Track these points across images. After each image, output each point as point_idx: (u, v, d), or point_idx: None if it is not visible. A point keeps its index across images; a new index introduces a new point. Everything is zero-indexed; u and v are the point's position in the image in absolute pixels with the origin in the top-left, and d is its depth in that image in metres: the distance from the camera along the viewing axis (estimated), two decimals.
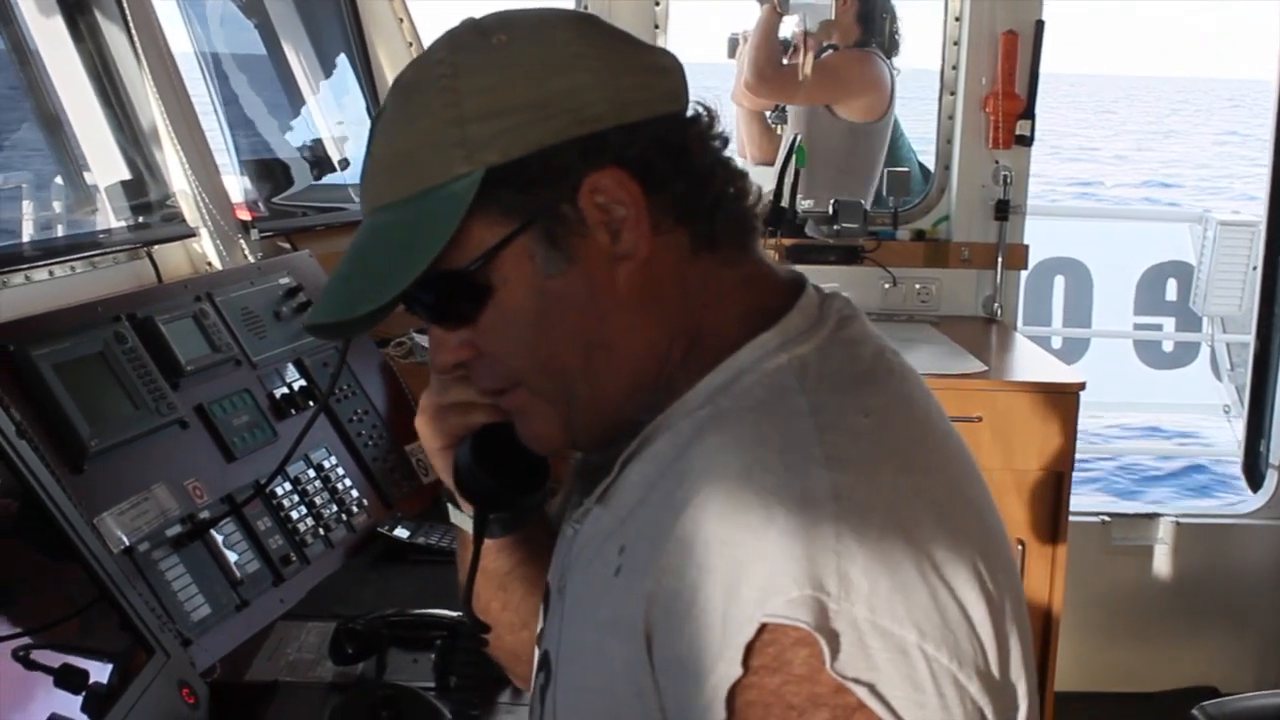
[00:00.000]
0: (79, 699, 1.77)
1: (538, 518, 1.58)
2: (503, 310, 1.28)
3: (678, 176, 1.28)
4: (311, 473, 2.82)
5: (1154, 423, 9.54)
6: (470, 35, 1.29)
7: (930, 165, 5.31)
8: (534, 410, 1.34)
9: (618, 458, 1.32)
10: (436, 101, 1.26)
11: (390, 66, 4.63)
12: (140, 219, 3.26)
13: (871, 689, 1.08)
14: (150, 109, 3.27)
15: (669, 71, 1.31)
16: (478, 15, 1.32)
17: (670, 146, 1.28)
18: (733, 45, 5.41)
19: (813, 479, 1.14)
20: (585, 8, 4.53)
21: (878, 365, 1.29)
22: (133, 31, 3.21)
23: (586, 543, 1.34)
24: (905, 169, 5.29)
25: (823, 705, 1.08)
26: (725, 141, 1.33)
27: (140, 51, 3.22)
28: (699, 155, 1.30)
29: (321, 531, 2.74)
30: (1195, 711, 3.11)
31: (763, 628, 1.09)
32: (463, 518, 1.57)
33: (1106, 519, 5.10)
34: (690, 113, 1.32)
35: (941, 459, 1.25)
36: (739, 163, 1.38)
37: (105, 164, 3.25)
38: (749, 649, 1.10)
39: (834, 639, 1.08)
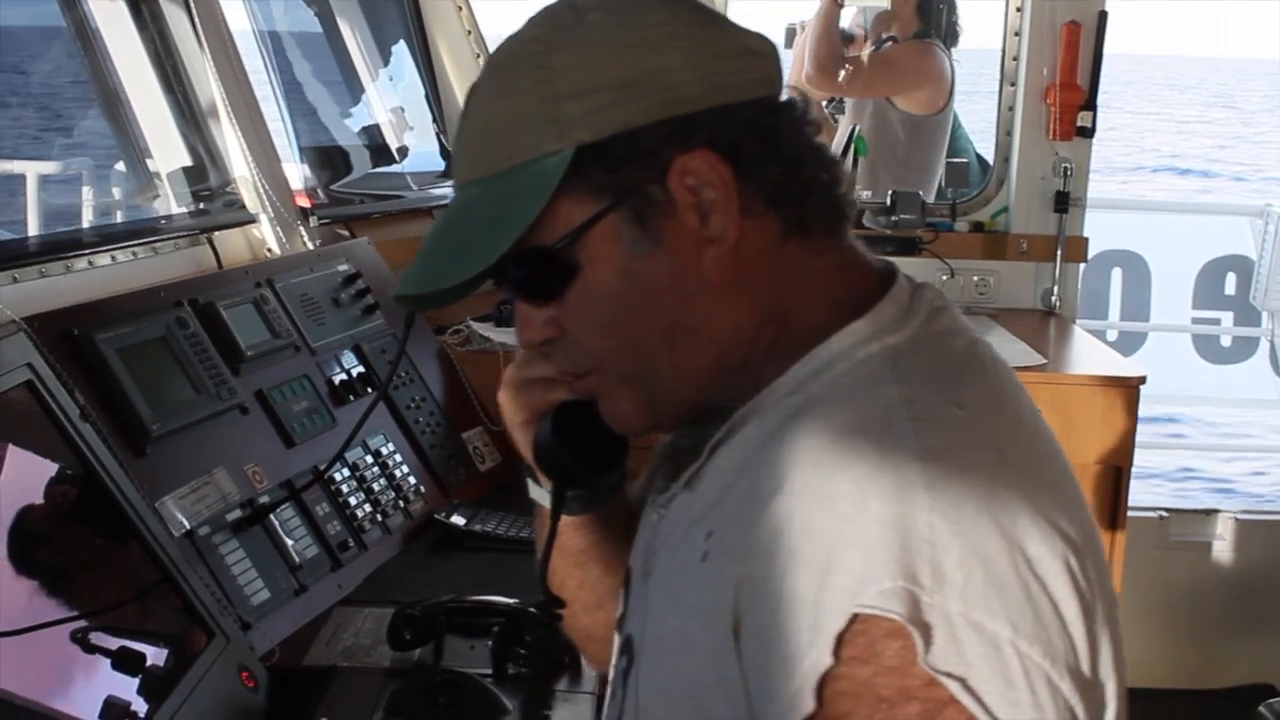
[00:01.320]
0: (135, 681, 1.78)
1: (617, 498, 1.58)
2: (589, 289, 1.28)
3: (769, 161, 1.27)
4: (369, 459, 2.83)
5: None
6: (565, 12, 1.29)
7: (986, 155, 5.28)
8: (615, 392, 1.35)
9: (704, 442, 1.31)
10: (529, 78, 1.26)
11: (449, 55, 4.64)
12: (201, 205, 3.28)
13: (964, 683, 1.07)
14: (212, 96, 3.29)
15: (762, 55, 1.31)
16: None
17: (763, 130, 1.27)
18: (790, 35, 5.39)
19: (906, 470, 1.12)
20: None
21: (970, 358, 1.28)
22: (195, 16, 3.23)
23: (673, 528, 1.33)
24: (964, 159, 5.25)
25: (913, 698, 1.08)
26: (818, 128, 1.32)
27: (202, 38, 3.24)
28: (791, 140, 1.29)
29: (379, 518, 2.75)
30: (1262, 709, 3.08)
31: (854, 618, 1.08)
32: (541, 493, 1.57)
33: (1165, 514, 5.06)
34: (783, 97, 1.31)
35: (1034, 454, 1.24)
36: None
37: (167, 150, 3.27)
38: (840, 638, 1.09)
39: (927, 631, 1.07)
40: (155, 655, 1.86)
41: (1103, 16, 4.82)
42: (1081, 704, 1.13)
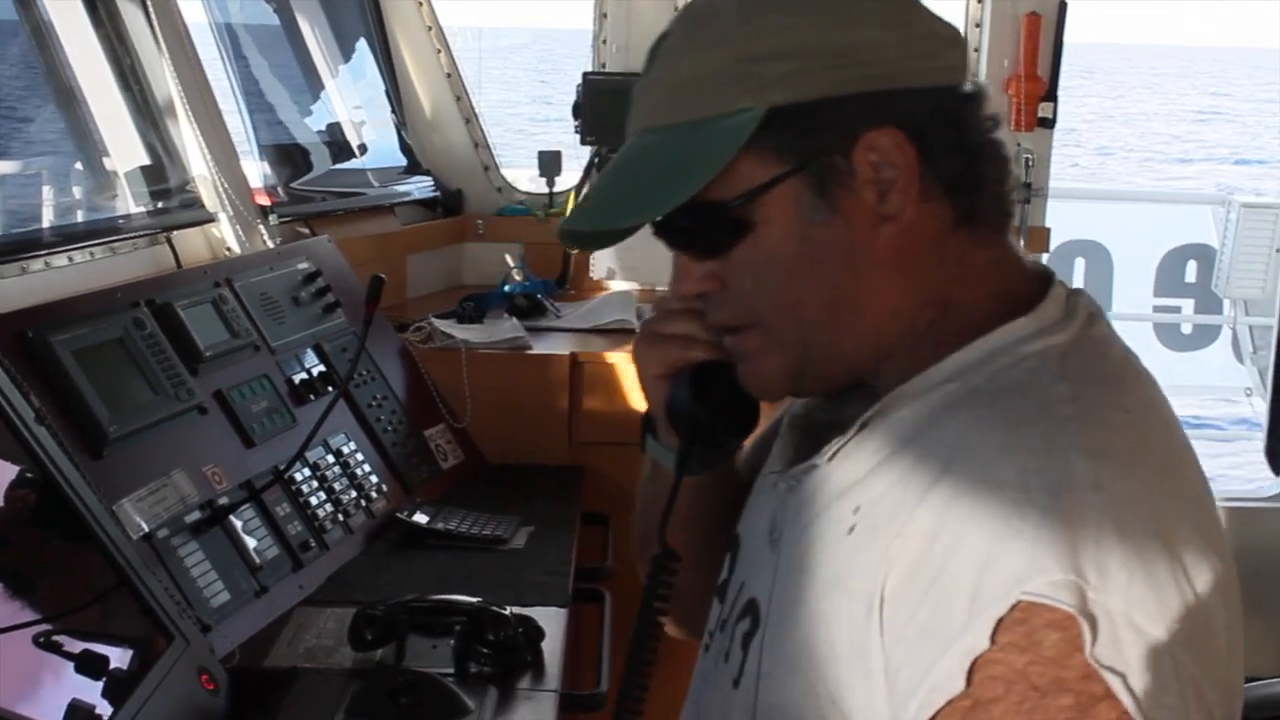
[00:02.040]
0: (99, 685, 1.76)
1: (727, 464, 1.59)
2: (759, 249, 1.29)
3: (952, 149, 1.28)
4: (331, 458, 2.82)
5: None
6: None
7: None
8: (765, 354, 1.35)
9: (847, 417, 1.32)
10: (731, 32, 1.27)
11: (409, 51, 4.62)
12: (159, 204, 3.26)
13: (1124, 680, 1.08)
14: (169, 93, 3.27)
15: (954, 44, 1.32)
16: None
17: (950, 117, 1.29)
18: None
19: (1075, 467, 1.14)
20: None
21: (1127, 366, 1.29)
22: (151, 15, 3.21)
23: (809, 499, 1.33)
24: None
25: (1067, 690, 1.08)
26: (997, 123, 1.34)
27: (159, 35, 3.22)
28: (974, 131, 1.31)
29: (340, 517, 2.74)
30: None
31: (1017, 604, 1.09)
32: (659, 449, 1.56)
33: None
34: (969, 89, 1.32)
35: (1187, 464, 1.25)
36: None
37: (124, 149, 3.25)
38: (999, 623, 1.09)
39: (1094, 625, 1.08)
40: (120, 658, 1.84)
41: (1063, 7, 4.82)
42: (1223, 714, 1.15)
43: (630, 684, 1.44)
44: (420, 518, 2.81)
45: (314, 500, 2.69)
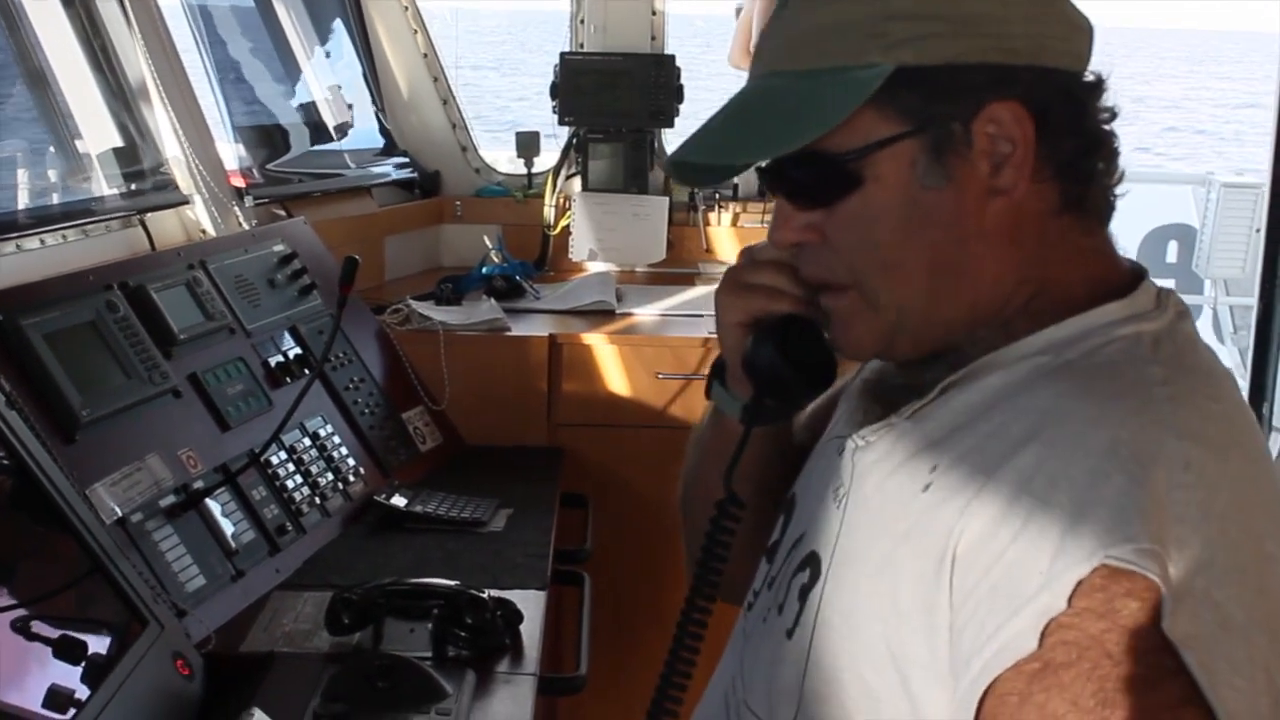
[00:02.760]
0: (78, 670, 1.75)
1: (786, 424, 1.60)
2: (867, 205, 1.29)
3: (1071, 133, 1.29)
4: (307, 441, 2.80)
5: None
6: None
7: None
8: (859, 314, 1.35)
9: (926, 381, 1.33)
10: None
11: (386, 32, 4.59)
12: (133, 186, 3.23)
13: (1196, 656, 1.08)
14: (142, 75, 3.23)
15: (1083, 31, 1.32)
16: None
17: (1073, 102, 1.29)
18: (739, 15, 5.36)
19: (1166, 444, 1.15)
20: None
21: (1215, 363, 1.30)
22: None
23: (885, 455, 1.33)
24: None
25: (1140, 661, 1.08)
26: (1114, 115, 1.33)
27: (132, 17, 3.18)
28: (1093, 120, 1.31)
29: (317, 500, 2.72)
30: None
31: (1098, 569, 1.09)
32: (725, 397, 1.56)
33: None
34: (1091, 78, 1.32)
35: (1268, 465, 1.25)
36: None
37: (97, 131, 3.21)
38: (1078, 586, 1.09)
39: (1173, 598, 1.08)
40: (98, 643, 1.83)
41: None
42: None
43: (684, 629, 1.43)
44: (398, 500, 2.80)
45: (290, 484, 2.67)
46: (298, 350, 2.96)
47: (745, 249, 1.51)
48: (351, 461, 2.90)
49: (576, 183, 4.50)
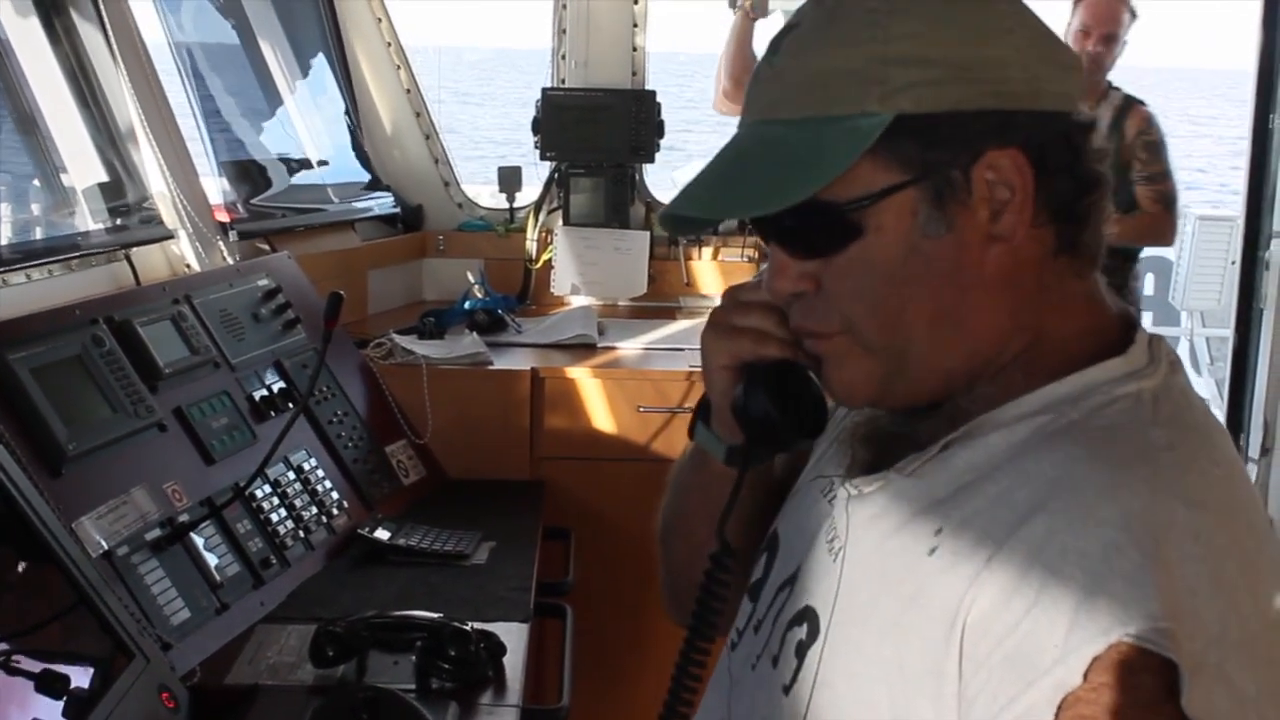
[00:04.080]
0: (60, 704, 1.76)
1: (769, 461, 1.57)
2: (866, 256, 1.27)
3: (1066, 175, 1.27)
4: (291, 475, 2.81)
5: None
6: None
7: None
8: (853, 360, 1.33)
9: (920, 431, 1.32)
10: (864, 33, 1.24)
11: (369, 67, 4.62)
12: (118, 221, 3.24)
13: None
14: (127, 110, 3.25)
15: (1075, 70, 1.31)
16: None
17: (1069, 145, 1.28)
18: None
19: (1176, 515, 1.14)
20: (564, 6, 4.52)
21: (1210, 419, 1.29)
22: (109, 32, 3.20)
23: (884, 511, 1.32)
24: None
25: None
26: (1105, 154, 1.32)
27: (117, 53, 3.20)
28: (1088, 161, 1.30)
29: (301, 534, 2.73)
30: None
31: (1114, 645, 1.09)
32: (709, 439, 1.54)
33: None
34: (1083, 118, 1.31)
35: (1268, 524, 1.25)
36: None
37: (82, 166, 3.23)
38: (1094, 661, 1.09)
39: (1188, 674, 1.08)
40: (80, 676, 1.83)
41: None
42: None
43: (679, 684, 1.41)
44: (382, 534, 2.81)
45: (275, 517, 2.69)
46: (282, 384, 2.97)
47: (730, 290, 1.49)
48: (335, 495, 2.91)
49: (558, 217, 4.53)
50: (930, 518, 1.26)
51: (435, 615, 2.25)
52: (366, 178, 4.66)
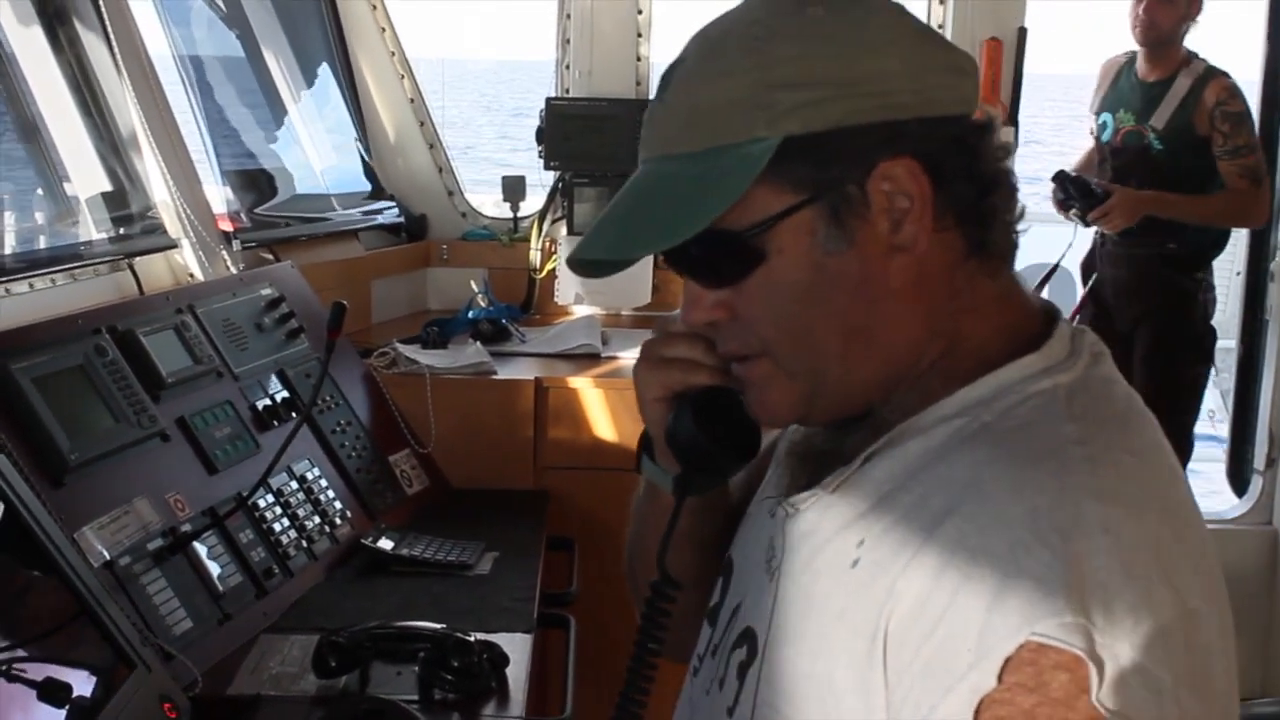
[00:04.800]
0: (63, 714, 1.75)
1: (721, 488, 1.57)
2: (772, 279, 1.28)
3: (965, 179, 1.28)
4: (294, 484, 2.81)
5: None
6: (787, 1, 1.29)
7: None
8: (773, 382, 1.33)
9: (848, 446, 1.32)
10: (746, 62, 1.25)
11: (373, 76, 4.63)
12: (121, 230, 3.24)
13: None
14: (131, 120, 3.26)
15: (967, 74, 1.31)
16: None
17: (964, 147, 1.28)
18: None
19: (1085, 509, 1.13)
20: (568, 16, 4.53)
21: (1132, 408, 1.29)
22: (113, 42, 3.20)
23: (813, 528, 1.32)
24: None
25: None
26: (1008, 152, 1.33)
27: (120, 62, 3.21)
28: (987, 161, 1.30)
29: (304, 544, 2.73)
30: None
31: (1025, 644, 1.09)
32: (655, 471, 1.54)
33: None
34: (981, 119, 1.31)
35: (1189, 509, 1.25)
36: None
37: (86, 175, 3.24)
38: (1006, 663, 1.09)
39: (1101, 668, 1.08)
40: (83, 685, 1.82)
41: (1022, 33, 4.86)
42: None
43: (625, 711, 1.43)
44: (385, 544, 2.80)
45: (278, 527, 2.68)
46: (285, 394, 2.97)
47: (659, 321, 1.49)
48: (338, 505, 2.90)
49: (562, 226, 4.52)
50: (853, 531, 1.26)
51: (438, 626, 2.25)
52: (370, 187, 4.66)
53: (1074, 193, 5.11)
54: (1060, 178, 5.18)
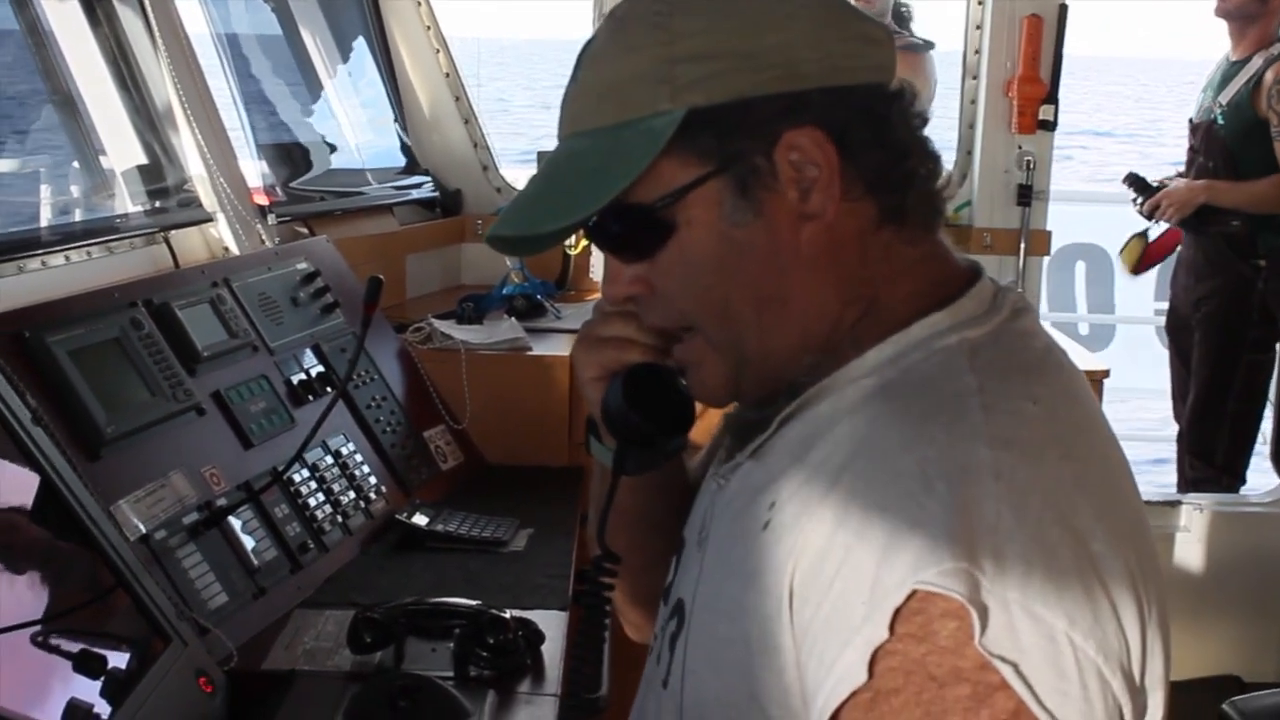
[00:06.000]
0: (98, 684, 1.75)
1: (675, 466, 1.59)
2: (683, 251, 1.30)
3: (875, 147, 1.29)
4: (329, 460, 2.80)
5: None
6: None
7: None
8: (706, 361, 1.36)
9: (772, 415, 1.33)
10: (649, 37, 1.28)
11: (408, 50, 4.61)
12: (157, 204, 3.24)
13: (1016, 669, 1.08)
14: (167, 93, 3.25)
15: (879, 43, 1.32)
16: None
17: (872, 116, 1.29)
18: None
19: (975, 456, 1.14)
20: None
21: (1047, 359, 1.30)
22: (149, 15, 3.20)
23: (734, 496, 1.35)
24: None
25: (964, 680, 1.08)
26: (924, 121, 1.34)
27: (157, 35, 3.20)
28: (899, 129, 1.31)
29: (339, 519, 2.72)
30: (1225, 707, 3.07)
31: (912, 594, 1.09)
32: (602, 450, 1.56)
33: None
34: (895, 87, 1.32)
35: (1103, 455, 1.25)
36: None
37: (122, 149, 3.23)
38: (896, 614, 1.10)
39: (984, 614, 1.08)
40: (117, 658, 1.83)
41: (1063, 10, 4.82)
42: (1130, 705, 1.14)
43: (576, 685, 1.45)
44: (419, 519, 2.80)
45: (312, 501, 2.68)
46: (320, 368, 2.96)
47: (597, 302, 1.52)
48: (373, 480, 2.90)
49: None
50: (766, 494, 1.28)
51: (474, 602, 2.24)
52: (404, 162, 4.65)
53: (1134, 190, 5.35)
54: (1127, 178, 5.41)
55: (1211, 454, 5.41)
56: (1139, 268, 5.76)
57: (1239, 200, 5.08)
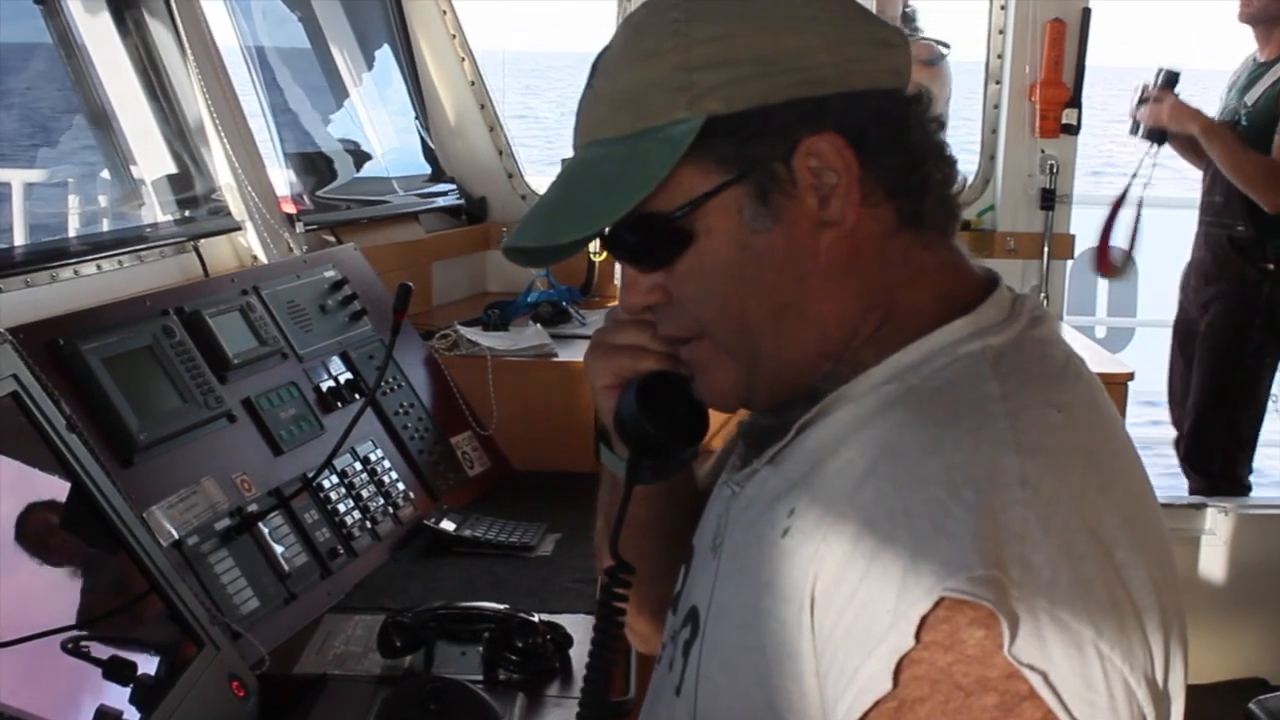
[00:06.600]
0: (127, 691, 1.77)
1: (685, 474, 1.58)
2: (701, 259, 1.29)
3: (893, 152, 1.28)
4: (358, 466, 2.83)
5: None
6: None
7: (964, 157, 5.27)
8: (716, 365, 1.35)
9: (790, 421, 1.31)
10: (666, 44, 1.27)
11: (433, 59, 4.64)
12: (186, 213, 3.27)
13: (1045, 678, 1.07)
14: (196, 103, 3.28)
15: (895, 47, 1.31)
16: None
17: (890, 120, 1.28)
18: None
19: (1002, 463, 1.13)
20: (628, 3, 4.52)
21: (1068, 367, 1.29)
22: (179, 25, 3.23)
23: (751, 502, 1.34)
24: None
25: (991, 689, 1.07)
26: (941, 125, 1.33)
27: (186, 45, 3.23)
28: (916, 134, 1.30)
29: (368, 524, 2.74)
30: (1252, 705, 3.08)
31: (940, 602, 1.08)
32: (612, 459, 1.56)
33: None
34: (911, 91, 1.31)
35: (1125, 464, 1.24)
36: None
37: (151, 158, 3.26)
38: (923, 622, 1.08)
39: (1014, 622, 1.07)
40: (146, 664, 1.85)
41: (1086, 14, 4.83)
42: (1154, 715, 1.13)
43: (591, 696, 1.44)
44: (447, 525, 2.82)
45: (342, 508, 2.70)
46: (348, 375, 2.99)
47: (610, 310, 1.51)
48: (401, 486, 2.92)
49: None
50: (785, 500, 1.27)
51: (502, 606, 2.26)
52: (430, 170, 4.67)
53: (1166, 86, 5.20)
54: (1161, 74, 5.26)
55: (1209, 461, 5.39)
56: (1103, 266, 5.65)
57: (1222, 156, 5.01)
